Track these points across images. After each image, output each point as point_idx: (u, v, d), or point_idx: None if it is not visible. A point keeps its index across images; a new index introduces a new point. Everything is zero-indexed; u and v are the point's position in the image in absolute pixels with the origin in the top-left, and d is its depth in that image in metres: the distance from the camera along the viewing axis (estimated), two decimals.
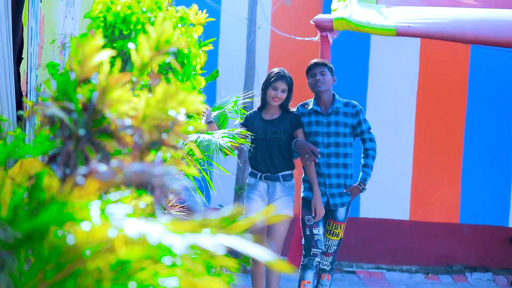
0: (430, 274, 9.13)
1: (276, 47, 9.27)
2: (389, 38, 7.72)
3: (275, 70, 6.37)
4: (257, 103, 6.61)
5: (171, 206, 5.08)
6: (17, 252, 1.94)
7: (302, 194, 6.45)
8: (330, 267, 6.49)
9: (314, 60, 6.45)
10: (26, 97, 5.14)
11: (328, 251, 6.45)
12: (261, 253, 1.87)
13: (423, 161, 9.20)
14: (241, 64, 9.13)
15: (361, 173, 6.42)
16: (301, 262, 6.41)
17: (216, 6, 9.06)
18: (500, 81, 9.15)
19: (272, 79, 6.27)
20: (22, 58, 4.95)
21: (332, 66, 6.46)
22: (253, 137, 6.24)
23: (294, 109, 6.43)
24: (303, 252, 6.40)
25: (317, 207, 6.29)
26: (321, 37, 7.32)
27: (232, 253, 1.96)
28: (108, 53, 2.30)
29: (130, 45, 2.57)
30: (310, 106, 6.41)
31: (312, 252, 6.32)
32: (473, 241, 9.18)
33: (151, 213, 2.13)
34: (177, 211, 5.02)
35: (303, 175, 6.47)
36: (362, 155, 6.45)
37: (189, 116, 4.87)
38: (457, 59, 9.11)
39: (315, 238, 6.31)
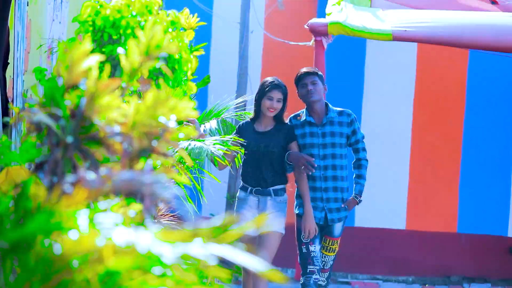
0: (427, 285, 9.14)
1: (269, 52, 9.28)
2: (385, 43, 7.74)
3: (269, 79, 6.24)
4: (250, 109, 6.58)
5: (161, 215, 5.08)
6: (2, 262, 1.94)
7: (296, 211, 6.30)
8: (326, 282, 6.40)
9: (304, 69, 6.32)
10: (12, 103, 5.14)
11: (325, 267, 6.36)
12: (253, 263, 1.87)
13: (420, 169, 9.21)
14: (233, 69, 9.14)
15: (356, 184, 6.33)
16: (300, 282, 6.30)
17: (207, 10, 9.08)
18: (500, 87, 9.17)
19: (267, 88, 6.14)
20: (8, 63, 4.95)
21: (321, 74, 6.33)
22: (244, 149, 6.07)
23: (286, 121, 6.30)
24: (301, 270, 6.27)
25: (308, 226, 6.17)
26: (315, 42, 7.34)
27: (224, 263, 1.96)
28: (97, 58, 2.30)
29: (120, 50, 2.57)
30: (303, 117, 6.30)
31: (308, 269, 6.20)
32: (472, 251, 9.19)
33: (140, 222, 2.13)
34: (167, 220, 5.02)
35: (297, 190, 6.32)
36: (354, 166, 6.36)
37: (179, 123, 4.86)
38: (455, 64, 9.14)
39: (312, 255, 6.19)
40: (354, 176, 6.36)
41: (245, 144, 6.00)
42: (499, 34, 7.16)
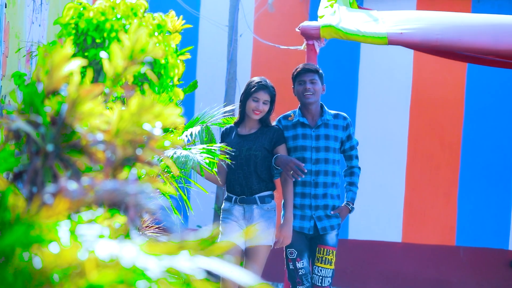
0: None
1: (259, 57, 9.30)
2: (380, 47, 7.77)
3: (256, 79, 6.06)
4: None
5: (146, 226, 5.08)
6: None
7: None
8: None
9: (304, 66, 6.15)
10: None
11: (323, 285, 6.03)
12: (243, 277, 1.88)
13: (416, 178, 9.23)
14: (222, 74, 9.16)
15: (348, 192, 6.16)
16: None
17: (194, 13, 9.09)
18: (500, 92, 9.20)
19: (253, 89, 5.95)
20: None
21: (322, 72, 6.17)
22: (227, 155, 5.85)
23: (274, 123, 6.10)
24: None
25: (283, 234, 5.92)
26: (307, 46, 7.34)
27: (212, 276, 1.96)
28: (79, 62, 2.30)
29: (103, 54, 2.58)
30: (295, 118, 6.11)
31: None
32: (471, 264, 9.21)
33: (124, 234, 2.14)
34: (153, 232, 5.02)
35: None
36: (346, 173, 6.24)
37: (165, 130, 4.87)
38: (453, 68, 9.16)
39: (300, 273, 6.00)
40: (345, 184, 6.22)
41: (227, 149, 5.81)
42: (498, 37, 7.17)
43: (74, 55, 5.42)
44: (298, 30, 7.36)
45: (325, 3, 7.58)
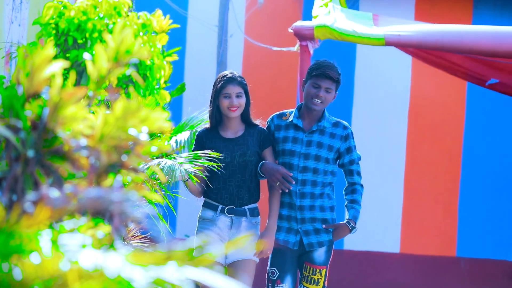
0: None
1: (250, 58, 9.32)
2: (377, 48, 7.78)
3: (221, 74, 5.70)
4: None
5: (132, 236, 5.08)
6: None
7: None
8: None
9: (326, 70, 5.68)
10: None
11: None
12: (232, 287, 1.89)
13: (415, 186, 9.25)
14: (211, 77, 9.16)
15: (350, 209, 5.66)
16: None
17: (182, 12, 9.11)
18: (503, 96, 9.22)
19: (219, 85, 5.57)
20: None
21: (340, 78, 5.76)
22: (214, 162, 5.39)
23: (257, 121, 5.70)
24: None
25: (265, 239, 5.54)
26: (300, 47, 7.36)
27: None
28: (61, 64, 2.31)
29: (86, 55, 2.58)
30: (290, 118, 5.69)
31: None
32: (472, 276, 9.23)
33: (109, 244, 2.14)
34: (139, 242, 5.02)
35: None
36: (347, 191, 5.75)
37: (152, 135, 4.87)
38: None
39: None
40: (346, 201, 5.72)
41: (214, 155, 5.42)
42: (500, 38, 7.21)
43: (55, 57, 5.42)
44: (291, 31, 7.37)
45: (320, 2, 7.60)
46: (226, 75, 5.61)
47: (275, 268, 5.66)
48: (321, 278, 5.67)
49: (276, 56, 8.91)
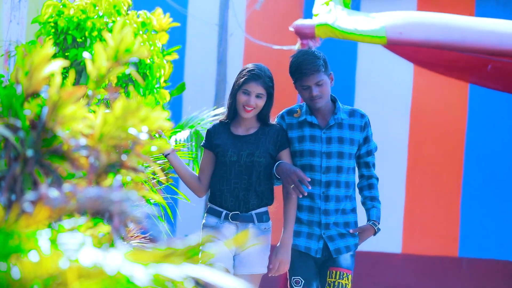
0: None
1: (250, 57, 9.32)
2: (379, 47, 7.79)
3: (249, 66, 5.09)
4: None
5: (132, 236, 5.08)
6: None
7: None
8: None
9: (302, 66, 5.10)
10: None
11: None
12: (232, 285, 1.89)
13: (417, 186, 9.25)
14: (211, 76, 9.17)
15: (371, 209, 5.25)
16: None
17: (182, 10, 9.11)
18: (505, 96, 9.22)
19: (242, 79, 5.00)
20: None
21: (325, 60, 5.14)
22: (219, 160, 5.08)
23: (275, 119, 5.22)
24: None
25: (279, 259, 5.04)
26: (301, 46, 7.36)
27: (201, 285, 1.98)
28: (60, 63, 2.31)
29: (85, 54, 2.59)
30: (302, 115, 5.18)
31: None
32: (474, 277, 9.23)
33: (108, 244, 2.15)
34: (138, 242, 5.02)
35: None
36: (363, 185, 5.36)
37: (151, 135, 4.87)
38: None
39: None
40: (363, 198, 5.31)
41: (219, 152, 5.07)
42: (504, 37, 7.20)
43: (54, 56, 5.43)
44: (292, 29, 7.37)
45: (321, 1, 7.60)
46: (253, 70, 5.02)
47: (299, 277, 5.16)
48: (348, 284, 5.13)
49: (276, 55, 8.91)
